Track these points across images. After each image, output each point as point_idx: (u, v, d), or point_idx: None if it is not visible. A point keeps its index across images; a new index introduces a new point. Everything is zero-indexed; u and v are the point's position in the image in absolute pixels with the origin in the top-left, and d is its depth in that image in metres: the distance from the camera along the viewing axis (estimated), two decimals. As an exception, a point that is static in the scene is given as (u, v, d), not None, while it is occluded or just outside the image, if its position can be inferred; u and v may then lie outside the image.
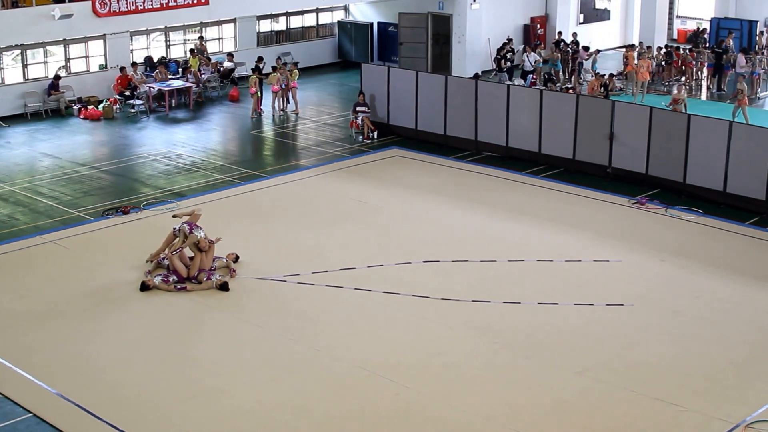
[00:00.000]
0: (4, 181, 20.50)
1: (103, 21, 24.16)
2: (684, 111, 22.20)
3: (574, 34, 30.94)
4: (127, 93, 26.62)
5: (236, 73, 29.27)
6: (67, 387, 12.16)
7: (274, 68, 26.72)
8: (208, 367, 12.73)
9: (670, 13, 34.77)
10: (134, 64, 27.07)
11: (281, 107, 26.44)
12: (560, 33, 31.24)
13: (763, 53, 30.27)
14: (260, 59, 27.30)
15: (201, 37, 29.21)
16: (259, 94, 26.19)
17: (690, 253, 16.49)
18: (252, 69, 26.77)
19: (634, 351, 13.07)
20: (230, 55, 29.26)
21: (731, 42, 29.61)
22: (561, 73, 29.63)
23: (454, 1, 30.34)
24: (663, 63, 29.81)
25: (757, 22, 32.20)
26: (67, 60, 26.77)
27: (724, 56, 28.72)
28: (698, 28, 33.98)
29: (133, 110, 26.16)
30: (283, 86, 26.11)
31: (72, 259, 16.31)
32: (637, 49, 29.39)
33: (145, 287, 14.95)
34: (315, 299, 14.73)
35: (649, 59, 28.43)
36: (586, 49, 29.99)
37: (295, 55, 31.05)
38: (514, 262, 16.10)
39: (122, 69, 26.80)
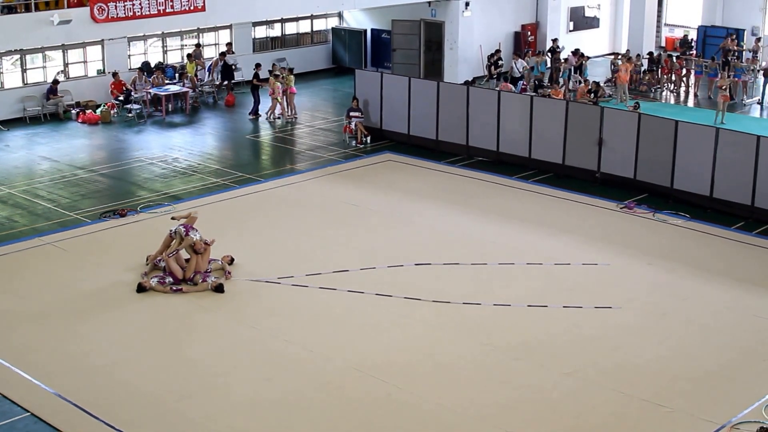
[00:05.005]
0: (3, 183, 20.63)
1: (100, 27, 24.28)
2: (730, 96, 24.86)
3: (554, 40, 31.31)
4: (121, 98, 26.81)
5: (235, 76, 29.37)
6: (64, 386, 12.27)
7: (272, 73, 26.79)
8: (203, 367, 12.86)
9: (658, 21, 35.09)
10: (141, 70, 27.33)
11: (287, 113, 26.50)
12: (553, 41, 31.60)
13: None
14: (258, 66, 27.45)
15: (198, 45, 29.44)
16: (278, 99, 26.28)
17: (677, 257, 16.70)
18: (269, 71, 27.03)
19: (622, 353, 13.23)
20: (229, 44, 29.44)
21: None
22: (549, 76, 29.91)
23: (446, 8, 30.60)
24: (645, 69, 30.01)
25: (743, 30, 32.52)
26: (66, 65, 26.92)
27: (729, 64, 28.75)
28: (685, 35, 34.39)
29: (130, 114, 26.35)
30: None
31: (70, 260, 16.45)
32: (621, 54, 29.80)
33: (141, 289, 15.09)
34: (308, 301, 14.88)
35: (629, 62, 28.73)
36: (575, 53, 30.28)
37: (290, 60, 31.24)
38: (504, 265, 16.29)
39: (115, 74, 27.00)
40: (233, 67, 29.03)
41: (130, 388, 12.28)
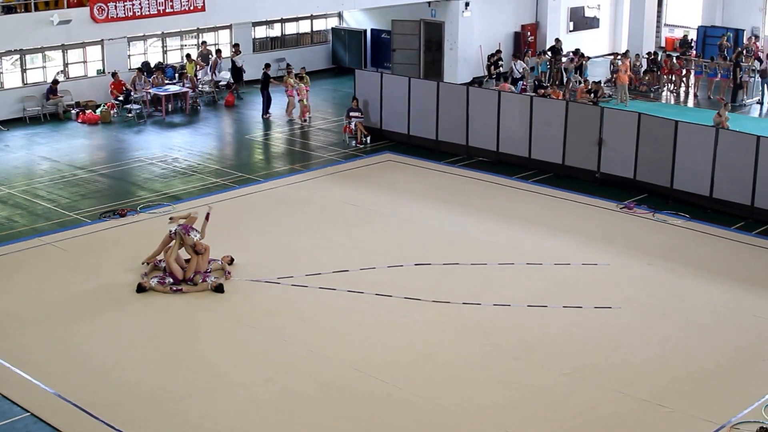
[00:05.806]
0: (3, 184, 20.64)
1: (100, 27, 24.31)
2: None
3: (557, 41, 31.36)
4: (121, 98, 26.83)
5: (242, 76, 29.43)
6: (64, 387, 12.29)
7: (293, 74, 26.67)
8: (203, 367, 12.88)
9: (658, 21, 35.13)
10: (140, 70, 27.34)
11: (301, 116, 26.33)
12: (556, 41, 31.66)
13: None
14: (267, 66, 27.35)
15: (204, 42, 29.48)
16: (305, 100, 26.10)
17: (676, 257, 16.71)
18: (286, 72, 27.05)
19: (622, 353, 13.26)
20: (236, 45, 29.45)
21: None
22: (547, 76, 29.94)
23: (446, 8, 30.63)
24: (645, 69, 30.01)
25: (743, 30, 32.56)
26: (66, 65, 26.95)
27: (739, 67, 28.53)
28: (685, 36, 34.42)
29: (130, 114, 26.36)
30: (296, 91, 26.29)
31: (69, 261, 16.46)
32: (621, 54, 29.85)
33: (141, 289, 15.11)
34: (308, 301, 14.90)
35: (625, 57, 28.72)
36: (575, 53, 30.29)
37: (290, 60, 31.22)
38: (504, 266, 16.31)
39: (114, 74, 27.01)
40: (241, 68, 29.07)
41: (130, 388, 12.30)
